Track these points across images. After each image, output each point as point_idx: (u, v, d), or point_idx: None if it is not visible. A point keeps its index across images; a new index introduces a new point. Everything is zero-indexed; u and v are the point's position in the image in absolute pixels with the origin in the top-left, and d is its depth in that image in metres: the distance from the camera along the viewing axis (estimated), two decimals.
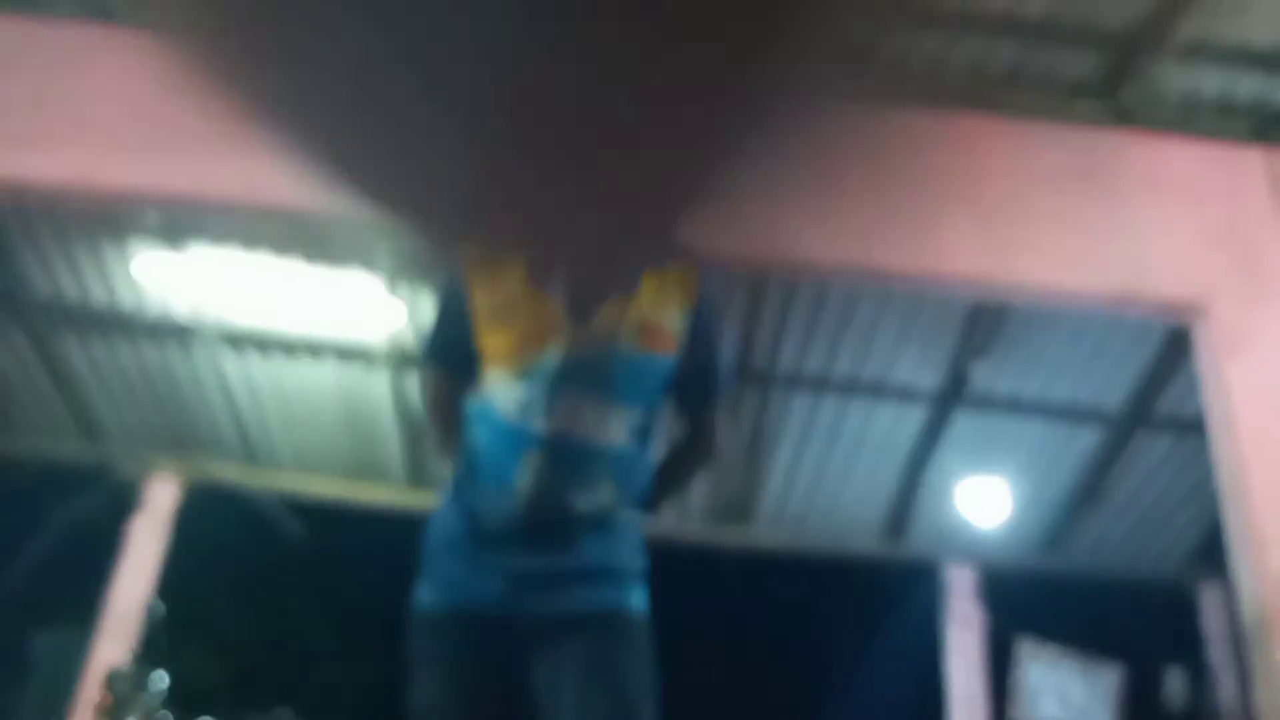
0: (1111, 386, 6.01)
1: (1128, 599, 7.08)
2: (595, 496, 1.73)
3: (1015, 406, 6.18)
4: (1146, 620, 6.97)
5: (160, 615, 5.18)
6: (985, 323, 5.65)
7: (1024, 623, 6.93)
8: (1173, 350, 5.65)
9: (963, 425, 6.23)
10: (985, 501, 5.98)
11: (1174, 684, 6.73)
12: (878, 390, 6.12)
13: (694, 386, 1.83)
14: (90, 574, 6.86)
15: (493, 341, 1.72)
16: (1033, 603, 7.01)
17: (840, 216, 4.37)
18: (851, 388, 6.11)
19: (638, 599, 1.76)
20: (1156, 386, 5.94)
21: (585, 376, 1.69)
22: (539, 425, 1.67)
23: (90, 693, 5.60)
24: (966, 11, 4.37)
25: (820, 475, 6.64)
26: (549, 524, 1.71)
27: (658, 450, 1.87)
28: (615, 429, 1.72)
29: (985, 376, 5.91)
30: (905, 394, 6.14)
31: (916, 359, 5.93)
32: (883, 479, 6.65)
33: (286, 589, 11.02)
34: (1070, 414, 6.21)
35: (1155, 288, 4.28)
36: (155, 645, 5.28)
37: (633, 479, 1.79)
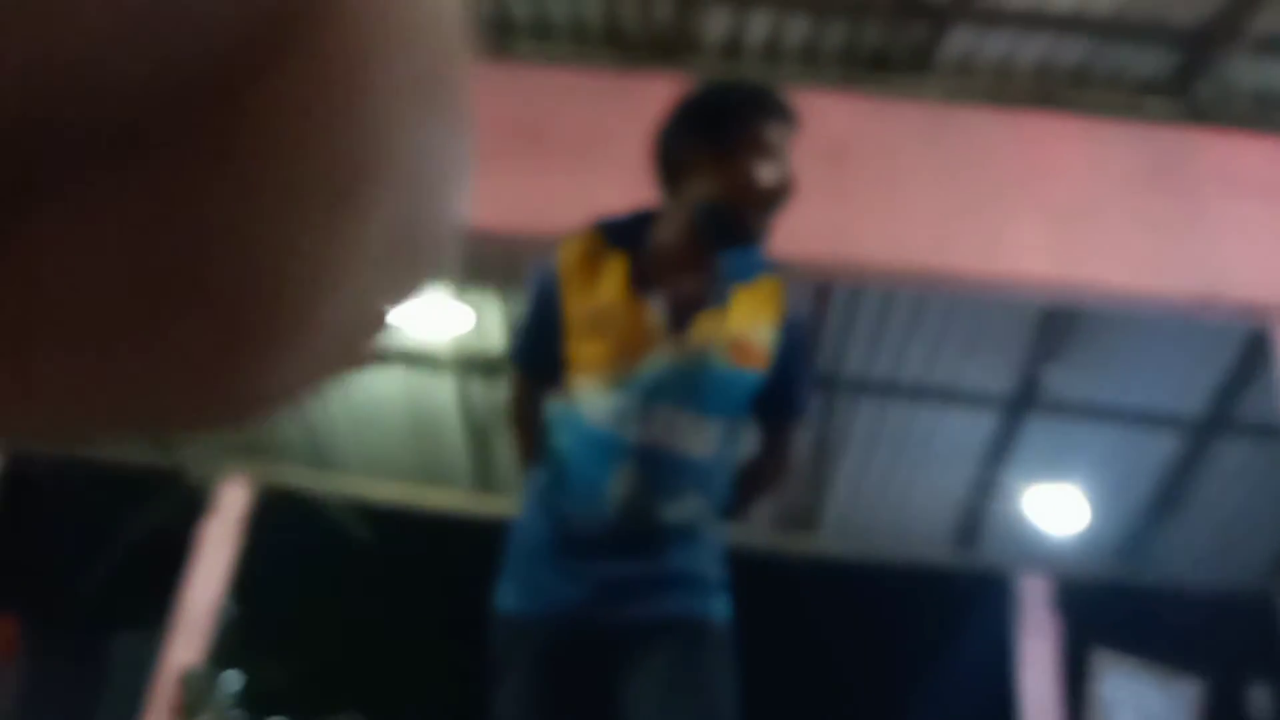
0: (1189, 391, 5.86)
1: (1207, 610, 6.88)
2: (682, 506, 1.71)
3: (1089, 412, 6.04)
4: (1227, 633, 6.77)
5: (232, 617, 5.27)
6: (1057, 326, 5.54)
7: (1099, 634, 6.78)
8: (1252, 354, 5.49)
9: (1035, 431, 6.10)
10: (1059, 510, 5.86)
11: (1259, 700, 6.53)
12: (947, 396, 6.02)
13: (776, 403, 1.80)
14: (164, 577, 7.01)
15: (586, 350, 1.69)
16: (1108, 614, 6.85)
17: (907, 219, 4.33)
18: (919, 393, 6.02)
19: (722, 607, 1.74)
20: (1235, 391, 5.78)
21: (678, 388, 1.66)
22: (632, 436, 1.65)
23: (164, 693, 5.71)
24: (1034, 10, 4.31)
25: (888, 483, 6.56)
26: (637, 532, 1.69)
27: (737, 463, 1.85)
28: (703, 441, 1.70)
29: (1058, 381, 5.79)
30: (975, 399, 6.03)
31: (986, 364, 5.83)
32: (952, 486, 6.54)
33: (354, 591, 11.20)
34: (1146, 419, 6.05)
35: (1232, 289, 4.17)
36: (227, 647, 5.38)
37: (716, 490, 1.78)
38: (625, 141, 2.68)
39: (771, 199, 1.64)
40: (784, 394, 1.79)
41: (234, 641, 5.30)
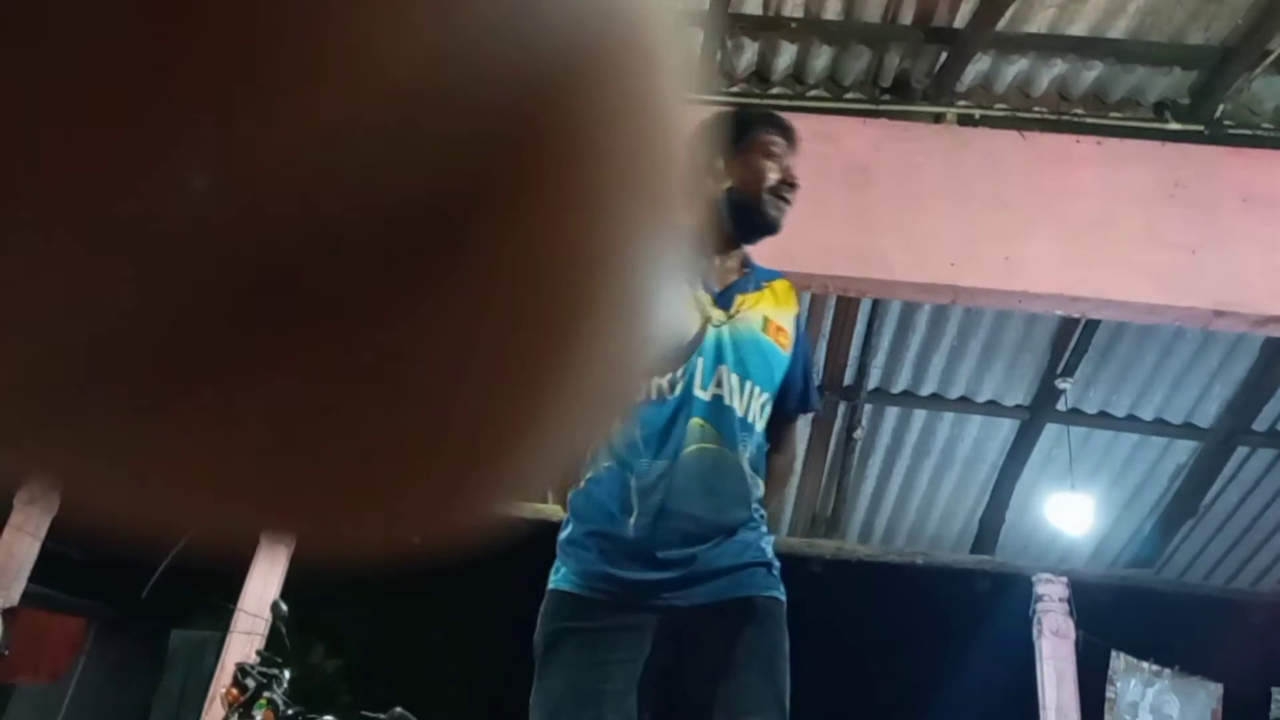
0: (1206, 400, 5.83)
1: (1227, 617, 6.83)
2: (742, 482, 1.77)
3: (1107, 421, 6.04)
4: (1247, 639, 6.72)
5: (285, 615, 5.41)
6: (1074, 338, 5.55)
7: (1118, 638, 6.74)
8: (1270, 363, 5.48)
9: (1053, 440, 6.10)
10: (1077, 517, 5.84)
11: None
12: (967, 406, 6.05)
13: (791, 394, 1.92)
14: (222, 576, 7.18)
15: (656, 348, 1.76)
16: (1127, 619, 6.81)
17: (928, 237, 4.38)
18: (940, 404, 6.06)
19: (778, 588, 1.79)
20: (1253, 400, 5.74)
21: (733, 354, 1.82)
22: (700, 393, 1.78)
23: (222, 687, 5.87)
24: (1052, 32, 4.34)
25: (909, 490, 6.58)
26: (700, 515, 1.73)
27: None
28: (754, 408, 1.82)
29: (1075, 392, 5.80)
30: (994, 409, 6.06)
31: (1005, 375, 5.85)
32: (972, 495, 6.56)
33: (403, 589, 11.31)
34: (1164, 428, 6.03)
35: (1251, 302, 4.12)
36: (280, 643, 5.51)
37: (759, 466, 1.84)
38: None
39: (779, 190, 1.88)
40: (801, 384, 1.94)
41: (287, 638, 5.44)
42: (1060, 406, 5.87)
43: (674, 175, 0.23)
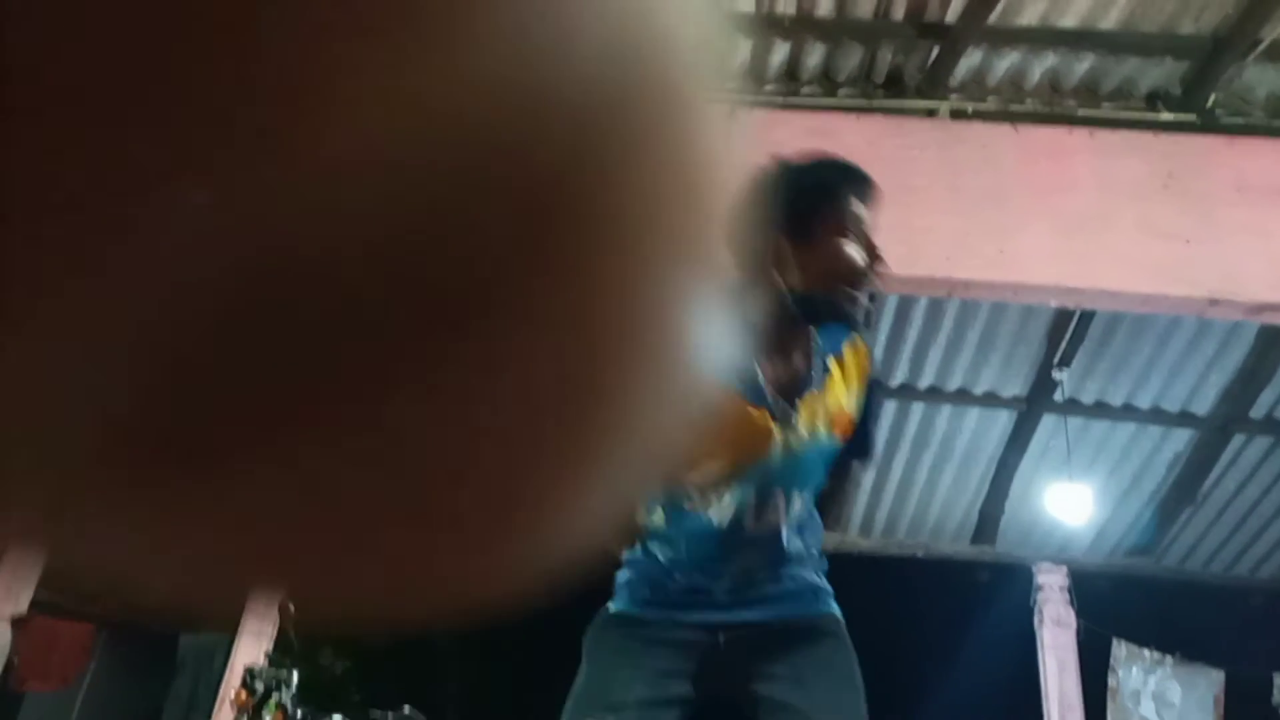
0: (1203, 388, 5.82)
1: (1227, 604, 6.81)
2: (789, 569, 1.70)
3: (1104, 411, 6.03)
4: (1249, 626, 6.71)
5: (293, 617, 5.40)
6: (1070, 328, 5.55)
7: (1119, 627, 6.73)
8: (1267, 350, 5.47)
9: (1050, 430, 6.09)
10: (1076, 506, 5.84)
11: None
12: (964, 398, 6.05)
13: (851, 452, 1.75)
14: None
15: (707, 463, 1.59)
16: (1128, 607, 6.80)
17: (923, 231, 4.38)
18: (938, 396, 6.05)
19: (837, 608, 1.72)
20: (1250, 388, 5.73)
21: (787, 475, 1.62)
22: (749, 527, 1.61)
23: (231, 690, 5.86)
24: (1043, 25, 4.33)
25: (909, 483, 6.58)
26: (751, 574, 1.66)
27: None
28: (801, 509, 1.69)
29: (1072, 382, 5.80)
30: (992, 401, 6.06)
31: (1001, 366, 5.85)
32: (971, 487, 6.56)
33: None
34: (1161, 417, 6.03)
35: (1246, 290, 4.10)
36: (289, 646, 5.51)
37: (814, 535, 1.77)
38: None
39: (861, 277, 1.57)
40: (860, 444, 1.75)
41: (295, 641, 5.44)
42: (1057, 397, 5.87)
43: (721, 237, 0.21)
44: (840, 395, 1.65)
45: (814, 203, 1.56)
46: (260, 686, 5.03)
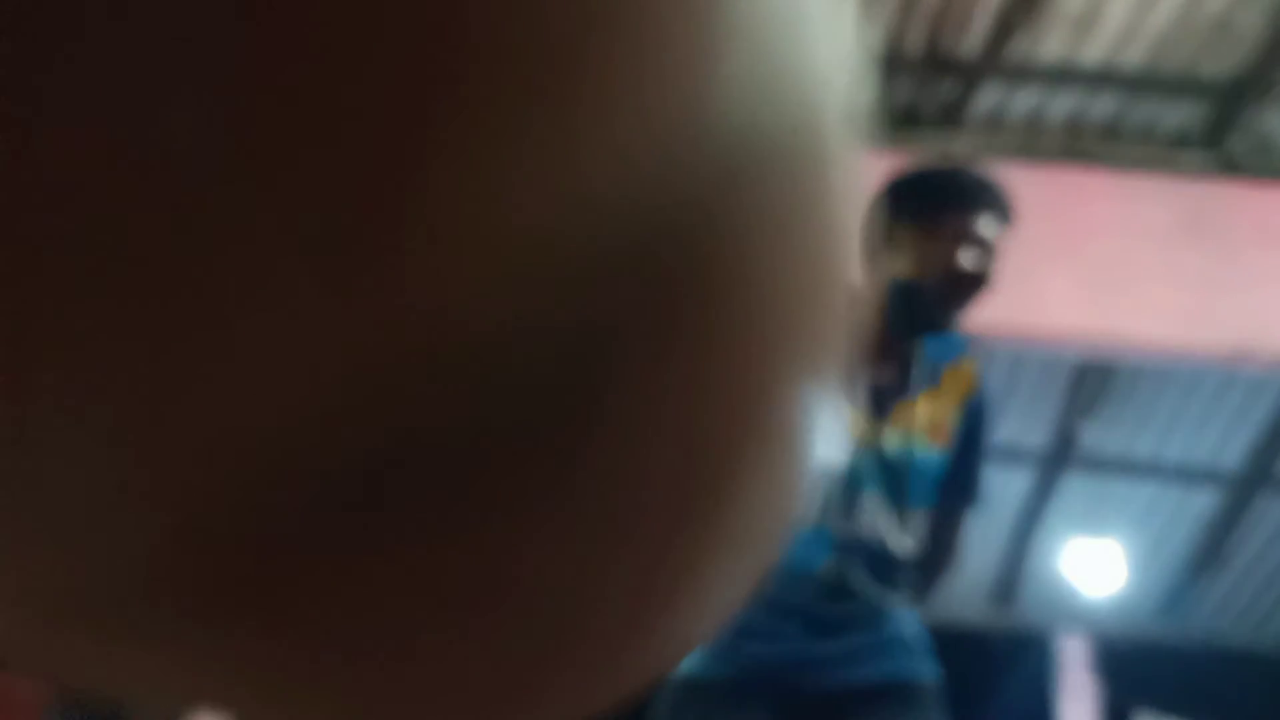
0: (1229, 445, 5.62)
1: (1255, 669, 6.57)
2: (884, 593, 1.57)
3: (1127, 467, 5.83)
4: (1273, 691, 6.47)
5: None
6: (1092, 381, 5.38)
7: (1141, 694, 6.46)
8: None
9: (1072, 487, 5.88)
10: (1097, 566, 5.66)
11: None
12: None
13: (952, 485, 1.63)
14: None
15: None
16: (1150, 673, 6.55)
17: None
18: None
19: (932, 669, 1.58)
20: (1276, 445, 5.58)
21: (884, 482, 1.54)
22: (840, 529, 1.51)
23: None
24: (1064, 65, 4.24)
25: None
26: (842, 612, 1.54)
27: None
28: (906, 533, 1.58)
29: (1094, 436, 5.62)
30: (1010, 454, 5.86)
31: (1021, 418, 5.67)
32: (988, 543, 6.34)
33: None
34: (1185, 474, 5.81)
35: (1273, 341, 4.02)
36: None
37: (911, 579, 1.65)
38: None
39: (969, 286, 1.54)
40: (961, 476, 1.63)
41: None
42: (1078, 451, 5.70)
43: (844, 301, 0.19)
44: (941, 404, 1.58)
45: (948, 197, 1.55)
46: None
